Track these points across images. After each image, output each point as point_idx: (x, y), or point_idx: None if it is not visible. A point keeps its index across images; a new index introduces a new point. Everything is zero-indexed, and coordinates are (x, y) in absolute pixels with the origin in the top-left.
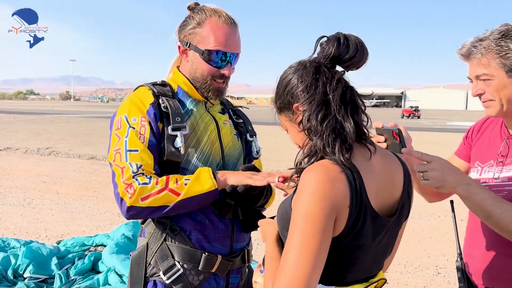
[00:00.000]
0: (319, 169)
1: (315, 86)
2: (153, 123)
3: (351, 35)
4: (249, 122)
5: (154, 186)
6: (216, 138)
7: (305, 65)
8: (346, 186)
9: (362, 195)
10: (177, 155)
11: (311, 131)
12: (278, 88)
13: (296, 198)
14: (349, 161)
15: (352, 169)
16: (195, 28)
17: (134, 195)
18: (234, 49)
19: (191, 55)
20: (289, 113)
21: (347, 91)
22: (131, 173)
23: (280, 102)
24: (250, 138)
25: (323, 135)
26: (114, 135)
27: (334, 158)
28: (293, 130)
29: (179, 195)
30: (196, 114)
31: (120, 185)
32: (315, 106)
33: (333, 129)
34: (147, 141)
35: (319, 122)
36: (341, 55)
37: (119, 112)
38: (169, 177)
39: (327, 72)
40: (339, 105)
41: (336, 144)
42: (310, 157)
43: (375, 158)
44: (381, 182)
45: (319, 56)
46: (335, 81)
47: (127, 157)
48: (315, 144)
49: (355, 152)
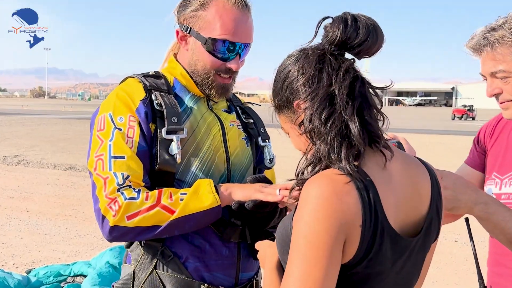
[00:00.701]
0: (322, 181)
1: (318, 79)
2: (143, 124)
3: (360, 15)
4: (262, 123)
5: (143, 201)
6: (221, 143)
7: (307, 54)
8: (356, 201)
9: (378, 211)
10: (172, 164)
11: (314, 133)
12: (275, 82)
13: (297, 216)
14: (359, 169)
15: (364, 180)
16: (197, 10)
17: (119, 213)
18: (244, 38)
19: (191, 43)
20: (289, 112)
21: (356, 83)
22: (115, 185)
23: (278, 99)
24: (263, 143)
25: (327, 138)
26: (95, 138)
27: (341, 166)
28: (295, 134)
29: (174, 213)
30: (197, 113)
31: (102, 200)
32: (318, 103)
33: (338, 130)
34: (136, 146)
35: (322, 123)
36: (349, 40)
37: (103, 109)
38: (162, 191)
39: (333, 61)
40: (346, 101)
41: (342, 150)
42: (313, 165)
43: (393, 165)
44: (401, 194)
45: (323, 42)
46: (342, 72)
47: (111, 165)
48: (319, 150)
49: (367, 158)
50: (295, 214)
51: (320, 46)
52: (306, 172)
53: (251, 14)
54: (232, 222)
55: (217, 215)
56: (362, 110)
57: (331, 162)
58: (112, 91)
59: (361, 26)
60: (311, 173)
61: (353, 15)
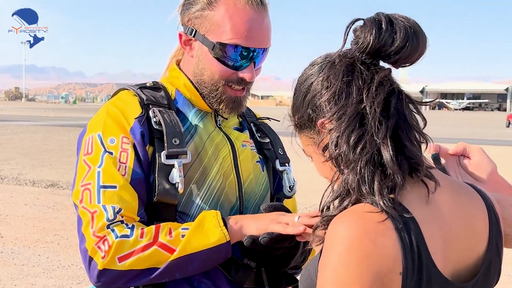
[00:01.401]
0: (352, 219)
1: (346, 94)
2: (139, 146)
3: (397, 16)
4: (280, 143)
5: (137, 239)
6: (232, 167)
7: (333, 62)
8: (395, 243)
9: (422, 254)
10: (172, 195)
11: (341, 160)
12: (295, 97)
13: (323, 261)
14: (396, 204)
15: (403, 217)
16: (204, 10)
17: (109, 254)
18: (260, 43)
19: (196, 49)
20: (311, 132)
21: (391, 98)
22: (105, 220)
23: (298, 116)
24: (281, 167)
25: (357, 166)
26: (81, 163)
27: (374, 200)
28: (319, 158)
29: (174, 252)
30: (203, 133)
31: (89, 239)
32: (346, 124)
33: (370, 157)
34: (130, 173)
35: (351, 148)
36: (384, 47)
37: (91, 128)
38: (160, 226)
39: (365, 72)
40: (379, 121)
41: (374, 181)
42: (340, 199)
43: (440, 196)
44: (451, 232)
45: (353, 49)
46: (375, 85)
47: (100, 196)
48: (347, 180)
49: (407, 190)
50: (320, 258)
51: (349, 53)
52: (333, 206)
53: (268, 13)
54: (246, 264)
55: (226, 253)
56: (398, 131)
57: (362, 196)
58: (102, 106)
59: (398, 29)
60: (338, 209)
61: (388, 16)
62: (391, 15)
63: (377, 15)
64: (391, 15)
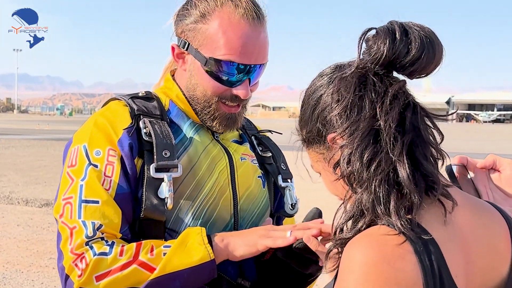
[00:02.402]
0: (367, 243)
1: (358, 108)
2: (126, 159)
3: (412, 25)
4: (283, 158)
5: (116, 258)
6: (228, 182)
7: (344, 74)
8: (414, 267)
9: (444, 277)
10: (160, 211)
11: (354, 178)
12: (303, 109)
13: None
14: (413, 225)
15: (422, 239)
16: (197, 23)
17: (86, 272)
18: (255, 59)
19: (189, 62)
20: (321, 148)
21: (406, 111)
22: (84, 237)
23: (307, 131)
24: (283, 183)
25: (371, 185)
26: (65, 176)
27: (390, 221)
28: (327, 174)
29: (154, 271)
30: (198, 145)
31: (67, 256)
32: (359, 140)
33: (385, 175)
34: (115, 188)
35: (364, 165)
36: (398, 58)
37: (77, 139)
38: (142, 243)
39: (378, 84)
40: (394, 137)
41: (390, 200)
42: (354, 220)
43: (460, 216)
44: (473, 253)
45: (365, 59)
46: (390, 98)
47: (81, 211)
48: (361, 200)
49: (425, 210)
50: (336, 282)
51: (361, 64)
52: (346, 228)
53: (265, 27)
54: (239, 284)
55: (211, 272)
56: (414, 147)
57: (377, 217)
58: (90, 117)
59: (413, 39)
60: (352, 231)
61: (403, 24)
62: (405, 23)
63: (390, 24)
64: (405, 23)
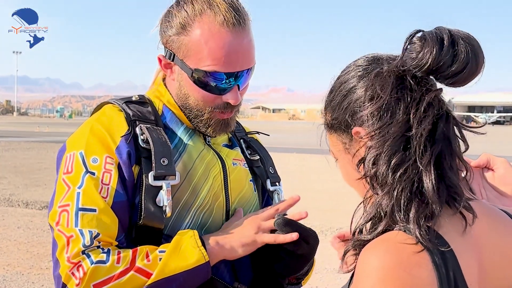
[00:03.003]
0: (384, 249)
1: (392, 110)
2: (124, 167)
3: (460, 35)
4: (271, 161)
5: (114, 265)
6: (221, 188)
7: (381, 71)
8: (431, 274)
9: (459, 286)
10: (159, 218)
11: (377, 180)
12: (332, 94)
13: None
14: (431, 233)
15: (439, 248)
16: (179, 35)
17: (83, 281)
18: (241, 65)
19: (177, 73)
20: (343, 136)
21: (439, 121)
22: (81, 246)
23: (333, 117)
24: (272, 186)
25: (393, 190)
26: (60, 183)
27: (408, 228)
28: (346, 164)
29: (151, 276)
30: (192, 151)
31: (63, 264)
32: (390, 144)
33: (410, 183)
34: (113, 196)
35: (391, 170)
36: (441, 68)
37: (71, 145)
38: (137, 250)
39: (414, 88)
40: (424, 145)
41: (411, 209)
42: (373, 222)
43: (476, 225)
44: (487, 261)
45: (406, 60)
46: (424, 105)
47: (78, 220)
48: (380, 203)
49: (443, 220)
50: (351, 287)
51: (400, 64)
52: (365, 230)
53: (249, 30)
54: None
55: (206, 274)
56: (441, 158)
57: (394, 222)
58: (84, 123)
59: (459, 52)
60: (372, 234)
61: (451, 33)
62: (454, 33)
63: (439, 31)
64: (454, 33)
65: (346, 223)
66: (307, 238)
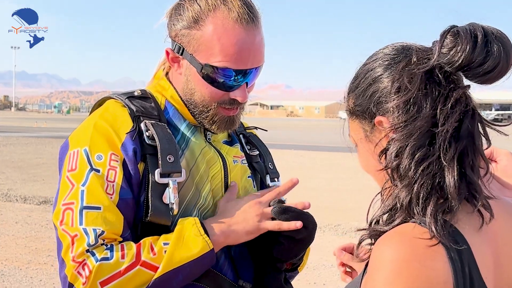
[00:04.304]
0: (399, 241)
1: (420, 104)
2: (130, 164)
3: (493, 33)
4: (270, 156)
5: (119, 261)
6: (221, 186)
7: (409, 62)
8: (445, 266)
9: (474, 279)
10: (167, 216)
11: (399, 172)
12: (357, 81)
13: (368, 281)
14: (446, 227)
15: (454, 242)
16: (190, 28)
17: (89, 279)
18: (251, 63)
19: (185, 67)
20: (365, 123)
21: (465, 118)
22: (85, 245)
23: (356, 103)
24: (271, 182)
25: (413, 184)
26: (64, 180)
27: (424, 221)
28: (365, 152)
29: (157, 270)
30: (195, 147)
31: (69, 264)
32: (415, 139)
33: (431, 178)
34: (118, 193)
35: (413, 164)
36: (473, 66)
37: (75, 142)
38: (141, 244)
39: (443, 83)
40: (449, 142)
41: (430, 203)
42: (391, 214)
43: (495, 221)
44: (502, 256)
45: (437, 55)
46: (452, 101)
47: (83, 218)
48: (398, 195)
49: (460, 215)
50: (364, 280)
51: (430, 55)
52: (382, 221)
53: (261, 28)
54: (241, 286)
55: (211, 262)
56: (464, 155)
57: (411, 215)
58: (87, 119)
59: (492, 52)
60: (389, 225)
61: (485, 31)
62: (487, 30)
63: (473, 28)
64: (487, 30)
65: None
66: (306, 223)
